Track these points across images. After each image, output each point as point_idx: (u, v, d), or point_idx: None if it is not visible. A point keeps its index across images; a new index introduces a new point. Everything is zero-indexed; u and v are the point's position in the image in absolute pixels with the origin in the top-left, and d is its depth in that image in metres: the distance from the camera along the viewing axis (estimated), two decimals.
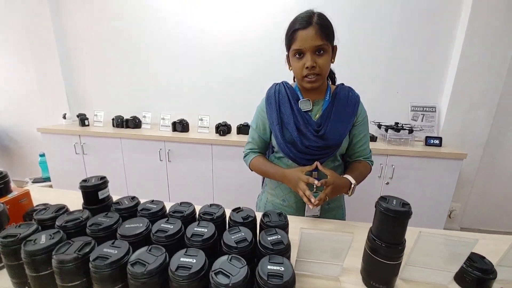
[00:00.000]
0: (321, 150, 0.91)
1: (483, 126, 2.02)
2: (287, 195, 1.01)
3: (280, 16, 2.13)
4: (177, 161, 2.19)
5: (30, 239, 0.55)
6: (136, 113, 2.44)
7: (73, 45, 2.58)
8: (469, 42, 1.88)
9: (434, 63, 2.04)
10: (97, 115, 2.43)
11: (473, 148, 2.04)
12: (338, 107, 0.93)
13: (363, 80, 2.11)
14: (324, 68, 0.86)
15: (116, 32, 2.46)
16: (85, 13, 2.46)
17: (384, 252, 0.58)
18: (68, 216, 0.64)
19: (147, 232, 0.60)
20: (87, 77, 2.66)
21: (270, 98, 0.97)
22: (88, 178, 0.75)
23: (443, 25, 1.96)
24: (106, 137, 2.26)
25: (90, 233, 0.60)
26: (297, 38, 0.83)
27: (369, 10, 2.02)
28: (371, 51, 2.09)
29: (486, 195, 2.24)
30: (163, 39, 2.39)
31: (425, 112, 2.11)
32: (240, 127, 2.20)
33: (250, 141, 1.07)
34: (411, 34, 2.01)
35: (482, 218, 2.30)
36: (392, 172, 1.88)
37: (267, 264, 0.49)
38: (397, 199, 0.59)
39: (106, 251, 0.52)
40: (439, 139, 1.93)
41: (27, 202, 0.80)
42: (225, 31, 2.27)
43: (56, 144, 2.35)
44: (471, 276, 0.61)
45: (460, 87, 1.97)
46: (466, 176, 2.11)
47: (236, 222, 0.64)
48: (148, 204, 0.71)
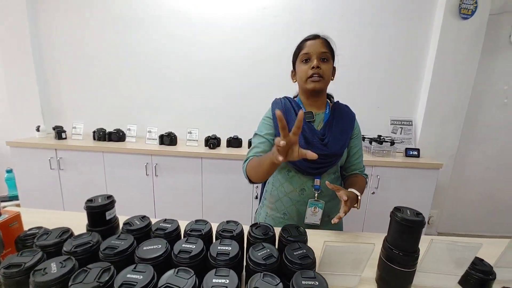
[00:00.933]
0: (326, 158, 0.95)
1: (454, 138, 2.23)
2: (288, 208, 1.02)
3: (271, 30, 2.21)
4: (165, 175, 2.11)
5: (38, 269, 0.50)
6: (120, 125, 2.34)
7: (50, 53, 2.42)
8: (439, 63, 2.11)
9: (410, 81, 2.25)
10: (76, 128, 2.28)
11: (446, 158, 2.23)
12: (338, 120, 1.00)
13: (348, 96, 2.20)
14: (326, 73, 0.94)
15: (98, 41, 2.37)
16: (65, 21, 2.35)
17: (401, 260, 0.61)
18: (76, 241, 0.59)
19: (167, 254, 0.58)
20: (64, 87, 2.50)
21: (278, 106, 1.02)
22: (93, 198, 0.71)
23: (417, 49, 2.19)
24: (86, 151, 2.12)
25: (104, 257, 0.56)
26: (306, 45, 0.94)
27: (351, 34, 2.19)
28: (353, 70, 2.24)
29: (458, 201, 2.45)
30: (150, 50, 2.35)
31: (403, 126, 2.28)
32: (230, 140, 2.20)
33: (255, 146, 1.00)
34: (389, 56, 2.21)
35: (456, 224, 2.49)
36: (377, 182, 1.98)
37: (301, 279, 0.49)
38: (411, 209, 0.63)
39: (130, 277, 0.48)
40: (417, 150, 2.09)
41: (18, 226, 0.72)
42: (215, 44, 2.29)
43: (28, 159, 2.15)
44: (474, 278, 0.66)
45: (433, 103, 2.18)
46: (441, 185, 2.29)
47: (257, 238, 0.64)
48: (162, 224, 0.68)
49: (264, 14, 2.20)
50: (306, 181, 0.98)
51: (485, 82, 2.20)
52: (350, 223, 2.03)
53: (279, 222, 1.04)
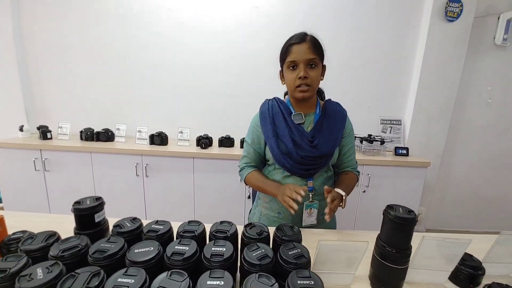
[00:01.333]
0: (315, 160, 0.95)
1: (440, 138, 2.30)
2: (283, 207, 1.01)
3: (263, 30, 2.21)
4: (155, 176, 2.08)
5: (23, 274, 0.48)
6: (109, 125, 2.28)
7: (33, 50, 2.33)
8: (426, 65, 2.16)
9: (399, 81, 2.29)
10: (62, 127, 2.21)
11: (433, 157, 2.29)
12: (329, 120, 1.00)
13: (339, 96, 2.22)
14: (315, 80, 0.92)
15: (86, 39, 2.30)
16: (49, 17, 2.27)
17: (393, 257, 0.62)
18: (63, 245, 0.57)
19: (159, 256, 0.56)
20: (49, 86, 2.41)
21: (264, 113, 1.01)
22: (81, 200, 0.68)
23: (406, 50, 2.24)
24: (73, 151, 2.05)
25: (93, 261, 0.54)
26: (292, 51, 0.90)
27: (342, 34, 2.22)
28: (345, 70, 2.27)
29: (445, 199, 2.52)
30: (139, 47, 2.30)
31: (392, 125, 2.33)
32: (222, 140, 2.18)
33: (245, 155, 1.07)
34: (379, 56, 2.25)
35: (443, 220, 2.56)
36: (368, 181, 2.01)
37: (297, 279, 0.49)
38: (403, 207, 0.64)
39: (122, 281, 0.47)
40: (406, 149, 2.14)
41: (1, 230, 0.69)
42: (206, 43, 2.27)
43: (10, 160, 2.06)
44: (464, 273, 0.68)
45: (420, 103, 2.23)
46: (428, 183, 2.35)
47: (252, 239, 0.64)
48: (153, 225, 0.66)
49: (256, 14, 2.20)
50: (299, 181, 0.98)
51: (470, 82, 2.27)
52: (342, 221, 2.04)
53: (273, 221, 1.04)
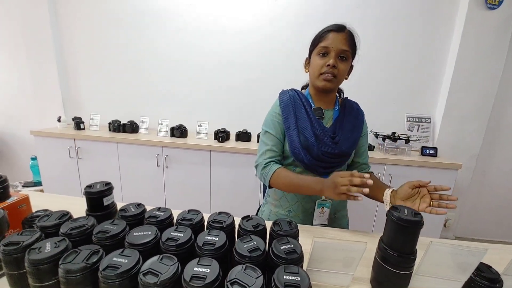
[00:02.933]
0: (335, 158, 0.92)
1: (476, 138, 2.09)
2: (294, 205, 1.00)
3: (281, 23, 2.17)
4: (175, 167, 2.17)
5: (34, 247, 0.53)
6: (133, 117, 2.41)
7: (70, 48, 2.55)
8: (462, 58, 1.96)
9: (429, 75, 2.11)
10: (93, 119, 2.39)
11: (466, 159, 2.09)
12: (349, 118, 0.96)
13: (361, 90, 2.17)
14: (341, 73, 0.88)
15: (115, 36, 2.45)
16: (84, 16, 2.45)
17: (395, 261, 0.58)
18: (72, 223, 0.62)
19: (156, 241, 0.59)
20: (83, 80, 2.62)
21: (286, 101, 0.96)
22: (92, 184, 0.73)
23: (438, 40, 2.04)
24: (102, 141, 2.21)
25: (97, 241, 0.58)
26: (328, 37, 0.87)
27: (366, 24, 2.09)
28: (368, 63, 2.14)
29: (478, 205, 2.30)
30: (163, 44, 2.40)
31: (421, 123, 2.16)
32: (239, 134, 2.20)
33: (269, 148, 0.95)
34: (407, 48, 2.08)
35: (475, 228, 2.35)
36: (389, 181, 1.90)
37: (283, 274, 0.48)
38: (408, 208, 0.60)
39: (116, 260, 0.50)
40: (434, 149, 1.98)
41: (26, 208, 0.77)
42: (225, 38, 2.29)
43: (50, 148, 2.29)
44: (479, 285, 0.61)
45: (454, 100, 2.04)
46: (460, 186, 2.16)
47: (247, 231, 0.64)
48: (155, 212, 0.69)
49: (274, 6, 2.16)
50: None
51: None
52: (361, 223, 1.98)
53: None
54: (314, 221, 0.97)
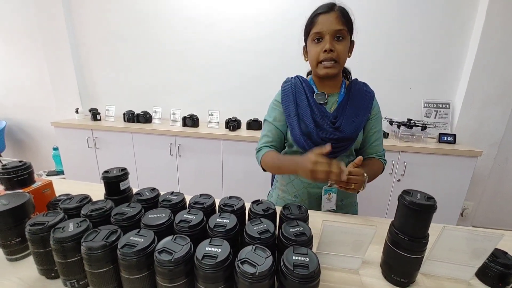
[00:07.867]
0: (337, 143, 0.90)
1: (498, 124, 1.98)
2: (300, 191, 1.01)
3: (292, 13, 2.11)
4: (187, 156, 2.21)
5: (58, 227, 0.57)
6: (147, 108, 2.47)
7: (84, 41, 2.60)
8: (486, 39, 1.83)
9: (449, 59, 2.00)
10: (109, 110, 2.46)
11: (487, 146, 2.00)
12: (354, 101, 0.93)
13: (375, 75, 2.09)
14: (341, 55, 0.85)
15: (127, 28, 2.48)
16: (96, 9, 2.48)
17: (406, 245, 0.58)
18: (92, 206, 0.66)
19: (169, 222, 0.61)
20: (98, 72, 2.69)
21: (286, 90, 0.97)
22: (109, 170, 0.77)
23: (459, 21, 1.91)
24: (118, 132, 2.29)
25: (115, 222, 0.61)
26: (318, 21, 0.84)
27: (384, 7, 1.99)
28: (384, 46, 2.05)
29: (499, 194, 2.20)
30: (174, 34, 2.40)
31: (439, 109, 2.07)
32: (250, 122, 2.20)
33: (265, 134, 0.99)
34: (426, 30, 1.97)
35: (494, 218, 2.26)
36: (404, 169, 1.86)
37: (292, 255, 0.49)
38: (421, 193, 0.59)
39: (133, 240, 0.53)
40: (453, 136, 1.90)
41: (50, 193, 0.82)
42: (235, 27, 2.26)
43: (69, 138, 2.39)
44: (494, 271, 0.61)
45: (476, 84, 1.92)
46: (479, 175, 2.08)
47: (257, 214, 0.65)
48: (168, 196, 0.72)
49: None
50: None
51: None
52: (374, 210, 1.96)
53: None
54: (323, 208, 0.97)
